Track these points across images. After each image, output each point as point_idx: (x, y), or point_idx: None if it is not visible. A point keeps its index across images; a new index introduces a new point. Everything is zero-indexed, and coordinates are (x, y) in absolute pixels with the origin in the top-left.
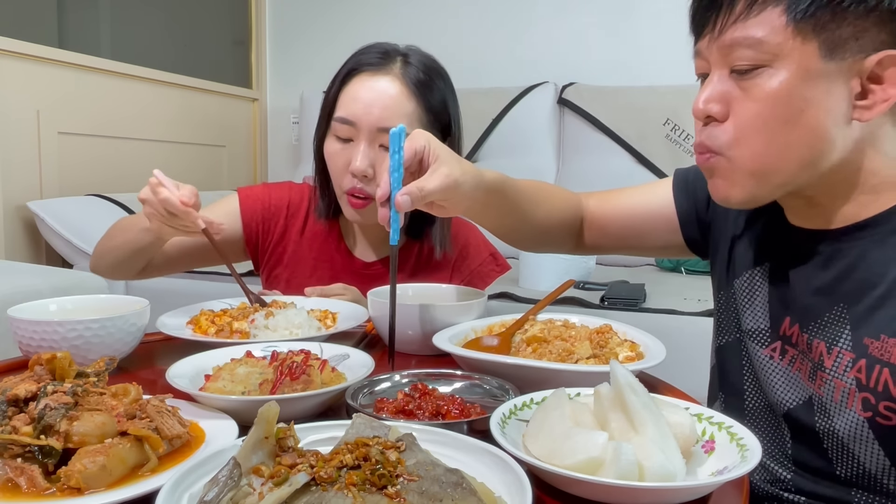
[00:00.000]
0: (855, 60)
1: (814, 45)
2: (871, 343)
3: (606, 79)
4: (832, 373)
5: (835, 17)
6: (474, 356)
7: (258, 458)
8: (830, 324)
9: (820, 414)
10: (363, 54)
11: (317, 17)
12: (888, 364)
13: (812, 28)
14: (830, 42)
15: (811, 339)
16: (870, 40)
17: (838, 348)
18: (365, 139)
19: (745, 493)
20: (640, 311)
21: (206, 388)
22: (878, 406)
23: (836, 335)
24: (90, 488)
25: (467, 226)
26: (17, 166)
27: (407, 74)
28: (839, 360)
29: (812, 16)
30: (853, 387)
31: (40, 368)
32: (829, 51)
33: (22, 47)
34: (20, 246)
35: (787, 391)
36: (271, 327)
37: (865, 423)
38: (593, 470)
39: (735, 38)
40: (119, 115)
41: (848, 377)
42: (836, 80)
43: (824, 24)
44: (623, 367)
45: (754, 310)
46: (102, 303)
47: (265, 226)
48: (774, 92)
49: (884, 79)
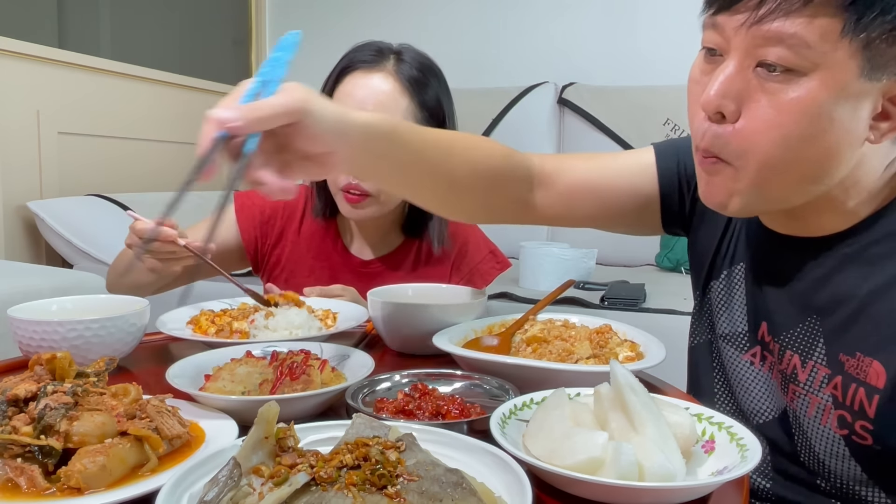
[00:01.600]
0: (890, 82)
1: (858, 62)
2: (847, 360)
3: (606, 79)
4: (806, 387)
5: (889, 37)
6: (474, 356)
7: (258, 458)
8: (803, 336)
9: (795, 427)
10: (357, 52)
11: (317, 18)
12: (864, 383)
13: (863, 44)
14: (875, 60)
15: (783, 350)
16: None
17: (812, 362)
18: None
19: (745, 493)
20: (640, 311)
21: (206, 388)
22: (854, 425)
23: (810, 349)
24: (90, 488)
25: (467, 224)
26: (17, 166)
27: (400, 71)
28: (814, 375)
29: (868, 31)
30: (829, 403)
31: (40, 368)
32: (871, 70)
33: (22, 47)
34: (20, 246)
35: (765, 400)
36: (271, 327)
37: (842, 440)
38: (593, 470)
39: (780, 32)
40: (119, 115)
41: (824, 393)
42: (865, 100)
43: (877, 44)
44: (623, 367)
45: (732, 312)
46: (102, 303)
47: (262, 230)
48: (803, 104)
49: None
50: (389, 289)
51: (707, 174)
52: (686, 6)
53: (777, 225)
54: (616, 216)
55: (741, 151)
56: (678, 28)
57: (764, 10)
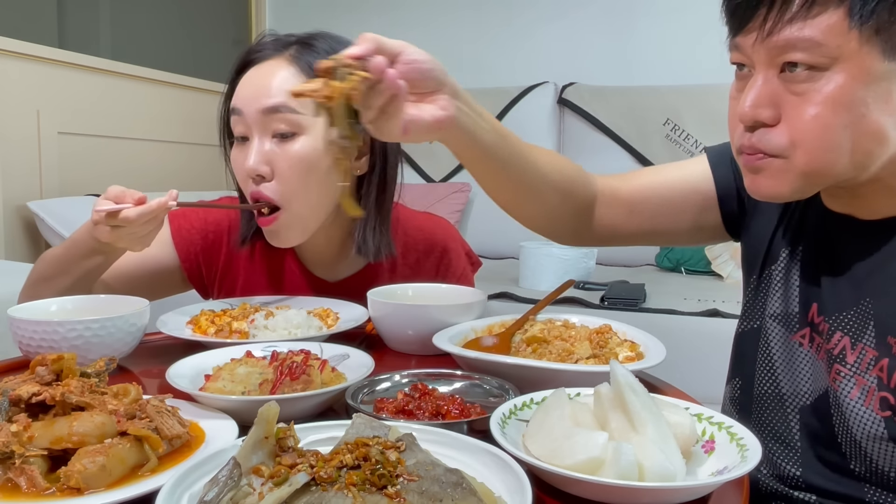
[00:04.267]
0: None
1: (875, 46)
2: (895, 343)
3: (606, 79)
4: (854, 369)
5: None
6: (474, 356)
7: (258, 458)
8: (856, 318)
9: (835, 409)
10: (254, 45)
11: (317, 18)
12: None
13: (875, 29)
14: (892, 41)
15: (833, 331)
16: None
17: (862, 344)
18: (257, 132)
19: (745, 492)
20: (640, 311)
21: (206, 388)
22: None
23: (861, 331)
24: (90, 488)
25: (444, 227)
26: (17, 166)
27: (302, 57)
28: (862, 357)
29: (875, 15)
30: (873, 385)
31: (42, 369)
32: (893, 50)
33: (22, 47)
34: (20, 246)
35: (808, 382)
36: (271, 327)
37: (882, 422)
38: (593, 470)
39: (789, 39)
40: (119, 115)
41: (870, 375)
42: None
43: (889, 25)
44: (623, 367)
45: (787, 293)
46: (102, 303)
47: (206, 256)
48: (834, 97)
49: None
50: (389, 289)
51: (752, 172)
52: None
53: (837, 204)
54: (677, 221)
55: (788, 145)
56: (678, 28)
57: (769, 24)
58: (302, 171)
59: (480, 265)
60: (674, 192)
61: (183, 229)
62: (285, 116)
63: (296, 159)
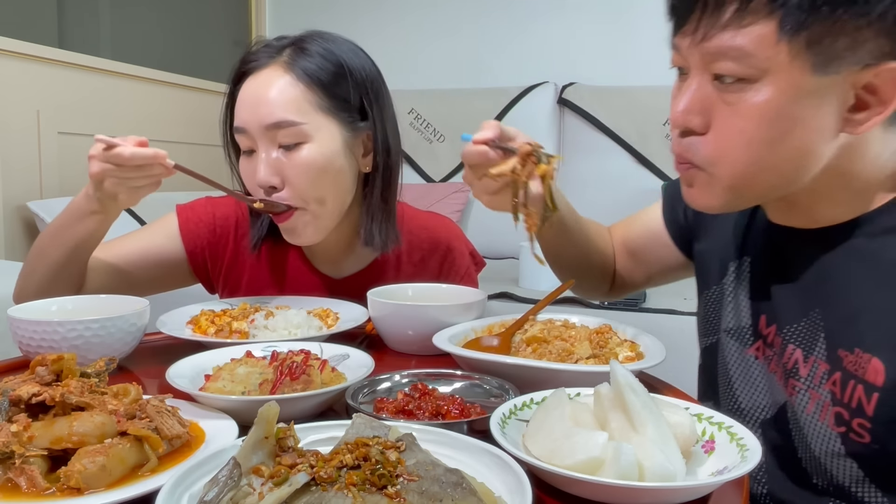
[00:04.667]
0: (850, 73)
1: (806, 60)
2: (846, 356)
3: (606, 79)
4: (807, 383)
5: (831, 30)
6: (474, 356)
7: (258, 458)
8: (806, 330)
9: (793, 424)
10: (247, 55)
11: (317, 18)
12: (862, 381)
13: (805, 42)
14: (824, 56)
15: (785, 344)
16: (867, 51)
17: (814, 357)
18: (262, 145)
19: (745, 493)
20: (640, 311)
21: (206, 388)
22: (852, 423)
23: (812, 343)
24: (90, 488)
25: (449, 226)
26: (17, 166)
27: (294, 62)
28: (815, 370)
29: (807, 29)
30: (827, 400)
31: (42, 369)
32: (823, 65)
33: (22, 47)
34: (20, 246)
35: (765, 395)
36: (271, 327)
37: (838, 438)
38: (593, 470)
39: (720, 46)
40: (119, 115)
41: (823, 389)
42: (828, 94)
43: (819, 39)
44: (623, 367)
45: (738, 307)
46: (102, 303)
47: (212, 250)
48: (761, 110)
49: (880, 91)
50: (389, 289)
51: (686, 184)
52: None
53: (778, 217)
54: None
55: (713, 159)
56: None
57: (703, 28)
58: (311, 176)
59: (484, 265)
60: (652, 235)
61: (191, 222)
62: (289, 131)
63: (304, 167)
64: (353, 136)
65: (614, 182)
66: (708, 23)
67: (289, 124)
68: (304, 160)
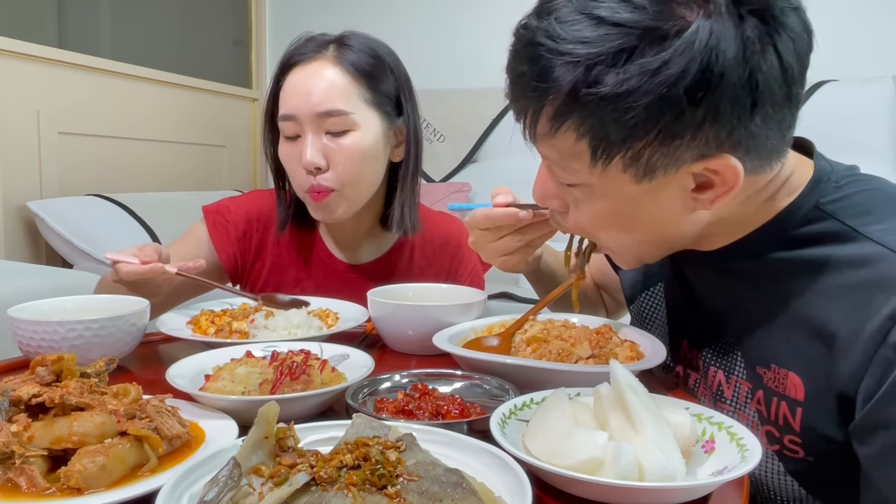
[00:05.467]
0: (677, 172)
1: (626, 176)
2: (765, 373)
3: None
4: (733, 404)
5: (641, 153)
6: (474, 356)
7: (258, 458)
8: (724, 351)
9: None
10: (295, 47)
11: (317, 18)
12: (785, 397)
13: (620, 165)
14: (643, 170)
15: (707, 367)
16: (690, 154)
17: (735, 377)
18: (310, 130)
19: (745, 493)
20: None
21: (206, 388)
22: (783, 440)
23: (732, 364)
24: (90, 488)
25: (459, 226)
26: (17, 166)
27: (342, 56)
28: (738, 391)
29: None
30: (755, 419)
31: (42, 370)
32: (644, 175)
33: (22, 47)
34: (20, 246)
35: None
36: (271, 327)
37: (774, 456)
38: (593, 470)
39: (547, 156)
40: (119, 115)
41: (749, 409)
42: (662, 191)
43: (632, 161)
44: (623, 367)
45: (655, 332)
46: (102, 303)
47: (240, 246)
48: (600, 215)
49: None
50: (389, 289)
51: None
52: None
53: None
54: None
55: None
56: None
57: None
58: (354, 161)
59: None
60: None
61: (218, 225)
62: (338, 119)
63: (349, 152)
64: (389, 127)
65: None
66: (530, 132)
67: (339, 113)
68: (349, 146)
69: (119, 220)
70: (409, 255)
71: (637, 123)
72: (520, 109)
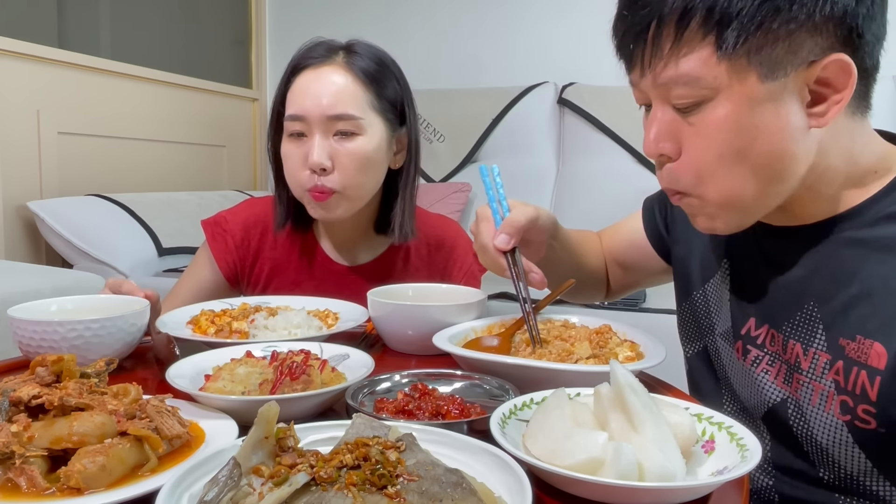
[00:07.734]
0: (798, 73)
1: (752, 72)
2: (847, 344)
3: (606, 79)
4: (810, 375)
5: (767, 41)
6: (474, 356)
7: (258, 458)
8: (803, 324)
9: (796, 417)
10: (305, 51)
11: (316, 18)
12: (866, 366)
13: (745, 57)
14: (767, 65)
15: (786, 340)
16: (808, 50)
17: (814, 349)
18: (318, 131)
19: (745, 493)
20: (640, 311)
21: (206, 388)
22: (857, 409)
23: (811, 336)
24: (90, 488)
25: (455, 227)
26: (17, 166)
27: (352, 63)
28: (815, 362)
29: (743, 45)
30: (832, 389)
31: (42, 370)
32: (769, 73)
33: (22, 47)
34: (20, 246)
35: (761, 393)
36: (271, 327)
37: (844, 426)
38: (593, 470)
39: (668, 76)
40: (119, 115)
41: (826, 379)
42: (783, 97)
43: (757, 50)
44: (623, 367)
45: (721, 311)
46: (102, 303)
47: (239, 254)
48: (721, 125)
49: (832, 82)
50: (389, 289)
51: (687, 211)
52: None
53: (767, 218)
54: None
55: (693, 181)
56: None
57: (647, 61)
58: (361, 165)
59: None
60: (637, 247)
61: (217, 234)
62: (347, 122)
63: (355, 155)
64: (392, 134)
65: (614, 182)
66: (650, 57)
67: (349, 117)
68: (355, 150)
69: (119, 220)
70: (404, 257)
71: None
72: (638, 33)
